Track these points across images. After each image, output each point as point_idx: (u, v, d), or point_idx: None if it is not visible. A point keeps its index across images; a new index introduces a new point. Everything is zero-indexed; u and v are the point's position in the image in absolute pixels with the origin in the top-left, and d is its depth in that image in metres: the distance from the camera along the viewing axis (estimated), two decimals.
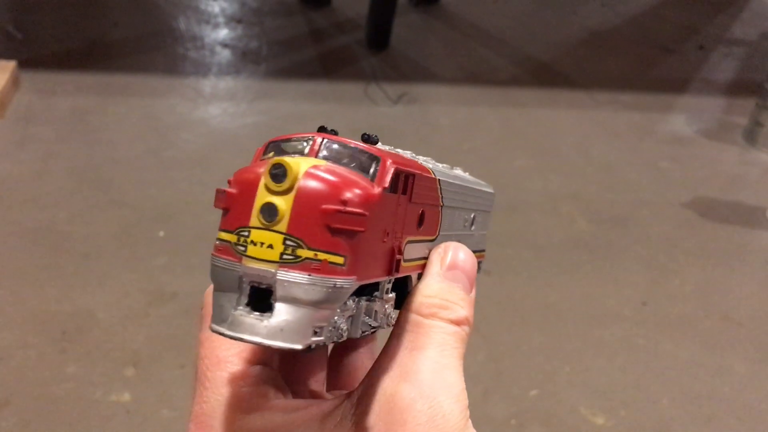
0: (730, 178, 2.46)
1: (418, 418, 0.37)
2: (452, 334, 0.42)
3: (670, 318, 1.76)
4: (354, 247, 0.34)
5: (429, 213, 0.44)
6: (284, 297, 0.33)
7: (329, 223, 0.33)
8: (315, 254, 0.33)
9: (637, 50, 3.44)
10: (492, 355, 1.59)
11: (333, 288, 0.34)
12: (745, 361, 1.64)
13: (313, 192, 0.33)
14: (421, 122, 2.61)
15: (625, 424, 1.46)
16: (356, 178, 0.35)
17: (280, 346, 0.33)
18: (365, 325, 0.38)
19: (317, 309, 0.34)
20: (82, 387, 1.41)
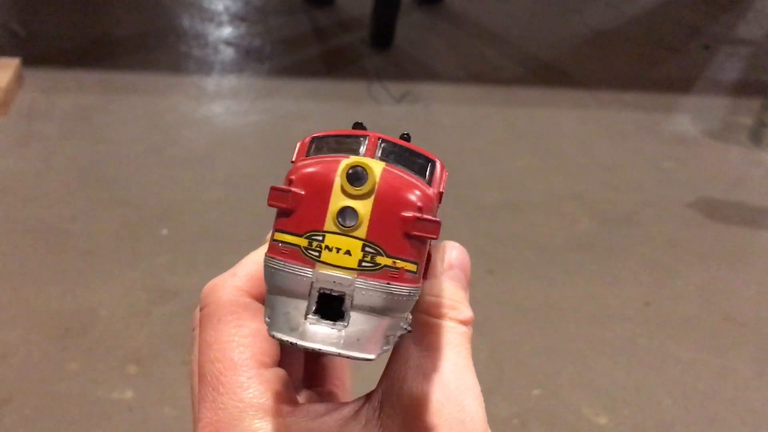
0: (734, 179, 2.46)
1: (449, 422, 0.37)
2: (462, 335, 0.42)
3: (674, 318, 1.75)
4: (422, 254, 0.34)
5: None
6: (362, 306, 0.33)
7: (408, 230, 0.32)
8: (394, 262, 0.32)
9: (642, 50, 3.43)
10: (494, 354, 1.58)
11: (408, 296, 0.33)
12: (748, 361, 1.64)
13: (393, 198, 0.32)
14: (424, 121, 2.61)
15: (628, 425, 1.45)
16: (419, 183, 0.34)
17: (357, 356, 0.32)
18: (402, 329, 0.37)
19: (387, 317, 0.33)
20: (84, 384, 1.41)
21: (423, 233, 0.32)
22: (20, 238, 1.79)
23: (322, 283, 0.33)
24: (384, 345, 0.33)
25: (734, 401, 1.53)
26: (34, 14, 3.02)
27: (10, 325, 1.53)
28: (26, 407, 1.36)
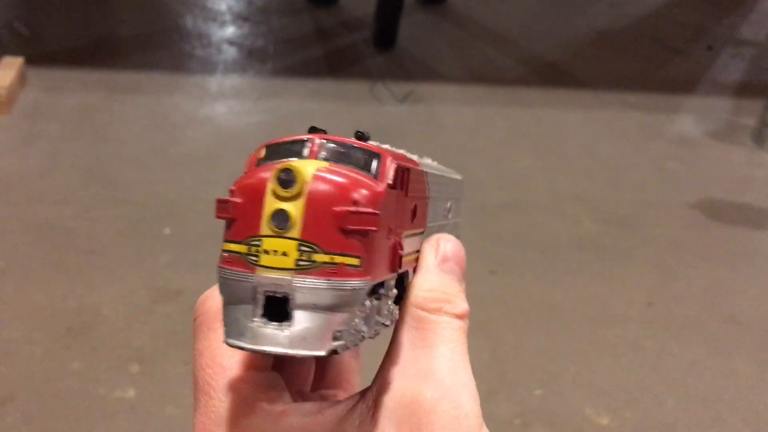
0: (737, 180, 2.45)
1: (444, 419, 0.37)
2: (458, 330, 0.41)
3: (676, 319, 1.75)
4: (367, 247, 0.34)
5: (419, 206, 0.44)
6: (303, 304, 0.33)
7: (343, 225, 0.33)
8: (331, 258, 0.33)
9: (645, 50, 3.43)
10: (496, 354, 1.58)
11: (352, 290, 0.33)
12: (751, 362, 1.63)
13: (324, 195, 0.33)
14: (427, 122, 2.61)
15: (630, 425, 1.45)
16: (362, 178, 0.35)
17: (303, 354, 0.33)
18: (378, 324, 0.38)
19: (336, 313, 0.33)
20: (87, 383, 1.41)
21: (358, 226, 0.33)
22: (23, 237, 1.79)
23: (264, 287, 0.33)
24: (333, 341, 0.33)
25: (736, 402, 1.53)
26: (37, 14, 3.03)
27: (13, 323, 1.53)
28: (29, 405, 1.36)
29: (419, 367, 0.39)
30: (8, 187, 1.96)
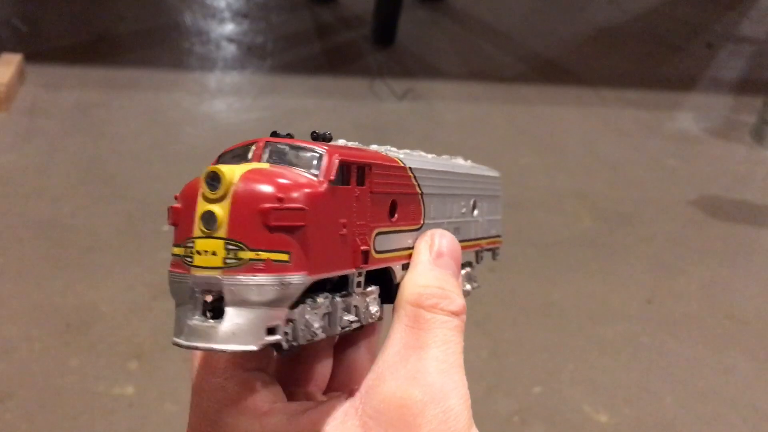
0: (736, 177, 2.45)
1: (432, 422, 0.37)
2: (454, 329, 0.41)
3: (675, 316, 1.75)
4: (299, 242, 0.34)
5: (404, 202, 0.43)
6: (233, 301, 0.34)
7: (267, 221, 0.33)
8: (257, 254, 0.33)
9: (645, 48, 3.43)
10: (495, 351, 1.58)
11: (280, 285, 0.34)
12: (750, 360, 1.64)
13: (249, 194, 0.34)
14: (427, 119, 2.61)
15: (629, 422, 1.45)
16: (296, 175, 0.35)
17: (233, 349, 0.33)
18: (344, 322, 0.38)
19: (269, 308, 0.34)
20: (86, 380, 1.41)
21: (284, 222, 0.34)
22: (21, 233, 1.79)
23: (199, 286, 0.34)
24: (268, 336, 0.34)
25: (735, 399, 1.53)
26: (36, 10, 3.02)
27: (11, 320, 1.53)
28: (28, 402, 1.36)
29: (410, 368, 0.38)
30: (7, 184, 1.96)
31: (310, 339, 0.36)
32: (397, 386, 0.38)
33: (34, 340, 1.49)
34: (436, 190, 0.47)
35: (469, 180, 0.53)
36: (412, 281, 0.42)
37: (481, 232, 0.55)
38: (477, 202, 0.54)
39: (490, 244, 0.58)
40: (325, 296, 0.37)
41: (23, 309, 1.56)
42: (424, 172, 0.46)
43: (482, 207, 0.55)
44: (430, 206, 0.47)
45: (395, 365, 0.39)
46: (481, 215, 0.55)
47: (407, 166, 0.44)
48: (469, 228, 0.53)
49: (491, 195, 0.57)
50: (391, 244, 0.42)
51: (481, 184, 0.55)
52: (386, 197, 0.41)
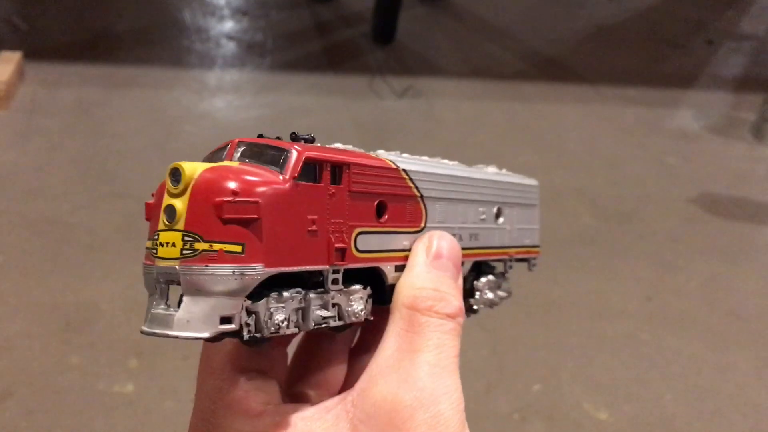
0: (736, 174, 2.45)
1: (420, 427, 0.37)
2: (449, 332, 0.41)
3: (675, 314, 1.75)
4: (254, 234, 0.36)
5: (396, 203, 0.44)
6: (188, 290, 0.36)
7: (221, 214, 0.35)
8: (210, 245, 0.35)
9: (645, 45, 3.42)
10: (495, 349, 1.58)
11: (232, 275, 0.35)
12: (749, 357, 1.64)
13: (205, 188, 0.36)
14: (426, 116, 2.61)
15: (628, 420, 1.45)
16: (259, 172, 0.37)
17: (185, 336, 0.35)
18: (317, 318, 0.39)
19: (224, 298, 0.35)
20: (86, 378, 1.41)
21: (236, 214, 0.35)
22: (21, 231, 1.79)
23: (162, 276, 0.37)
24: (222, 324, 0.35)
25: (735, 396, 1.53)
26: (35, 8, 3.02)
27: (11, 318, 1.53)
28: (28, 400, 1.36)
29: (401, 372, 0.39)
30: (6, 182, 1.96)
31: (274, 332, 0.37)
32: (388, 390, 0.38)
33: (34, 338, 1.49)
34: (443, 194, 0.48)
35: (489, 186, 0.53)
36: (407, 283, 0.42)
37: (508, 240, 0.55)
38: (503, 209, 0.54)
39: (521, 254, 0.58)
40: (298, 291, 0.38)
41: (23, 307, 1.56)
42: (424, 176, 0.46)
43: (510, 215, 0.55)
44: (434, 210, 0.47)
45: (387, 369, 0.39)
46: (509, 223, 0.55)
47: (401, 168, 0.44)
48: (490, 235, 0.53)
49: (523, 203, 0.57)
50: (378, 245, 0.43)
51: (510, 191, 0.55)
52: (371, 197, 0.42)
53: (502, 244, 0.55)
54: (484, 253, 0.53)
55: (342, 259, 0.40)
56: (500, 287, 0.56)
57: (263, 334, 0.37)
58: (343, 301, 0.41)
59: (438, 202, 0.47)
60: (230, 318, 0.35)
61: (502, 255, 0.55)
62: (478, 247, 0.52)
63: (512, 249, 0.56)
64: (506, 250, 0.56)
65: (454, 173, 0.50)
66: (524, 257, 0.59)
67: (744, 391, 1.54)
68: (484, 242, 0.52)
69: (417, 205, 0.46)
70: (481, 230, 0.52)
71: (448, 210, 0.48)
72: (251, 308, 0.36)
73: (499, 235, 0.54)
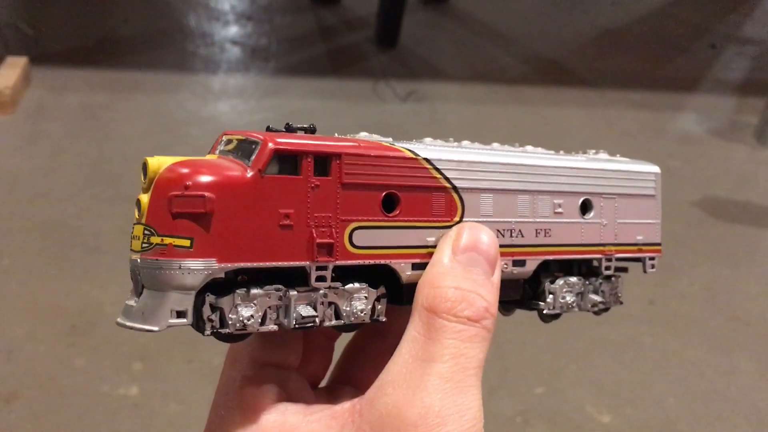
0: (739, 178, 2.45)
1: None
2: (469, 339, 0.37)
3: (678, 317, 1.75)
4: (204, 229, 0.35)
5: (417, 196, 0.41)
6: (146, 283, 0.36)
7: (172, 208, 0.36)
8: (162, 239, 0.36)
9: (648, 49, 3.42)
10: (498, 352, 1.59)
11: (178, 270, 0.35)
12: (752, 360, 1.64)
13: (164, 183, 0.36)
14: (430, 120, 2.61)
15: (631, 423, 1.45)
16: (225, 165, 0.37)
17: (138, 327, 0.36)
18: (298, 316, 0.38)
19: (177, 292, 0.35)
20: (91, 380, 1.42)
21: (184, 209, 0.35)
22: (27, 235, 1.80)
23: (134, 269, 0.38)
24: (174, 318, 0.35)
25: (738, 400, 1.53)
26: (41, 13, 3.03)
27: (16, 321, 1.54)
28: (33, 403, 1.37)
29: (411, 384, 0.36)
30: (13, 186, 1.97)
31: (240, 328, 0.36)
32: (394, 403, 0.35)
33: (39, 341, 1.50)
34: (490, 184, 0.43)
35: (572, 175, 0.47)
36: (426, 281, 0.39)
37: (604, 237, 0.49)
38: (593, 201, 0.48)
39: (627, 252, 0.51)
40: (276, 288, 0.37)
41: (29, 310, 1.57)
42: (459, 164, 0.42)
43: (606, 208, 0.49)
44: (475, 202, 0.43)
45: (398, 378, 0.36)
46: (605, 217, 0.49)
47: (421, 157, 0.41)
48: (569, 231, 0.47)
49: (632, 194, 0.50)
50: (387, 240, 0.40)
51: (608, 180, 0.49)
52: (375, 189, 0.40)
53: (592, 241, 0.48)
54: (559, 251, 0.47)
55: (329, 255, 0.38)
56: (597, 291, 0.50)
57: (229, 331, 0.36)
58: (342, 300, 0.39)
59: (482, 194, 0.43)
60: (183, 312, 0.35)
61: (593, 254, 0.49)
62: (549, 245, 0.46)
63: (611, 247, 0.50)
64: (601, 249, 0.49)
65: (509, 161, 0.45)
66: (634, 257, 0.52)
67: (746, 394, 1.54)
68: (559, 239, 0.46)
69: (448, 196, 0.42)
70: (556, 225, 0.46)
71: (499, 202, 0.44)
72: (216, 304, 0.36)
73: (588, 231, 0.48)
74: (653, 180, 0.52)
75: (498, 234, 0.43)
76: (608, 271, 0.50)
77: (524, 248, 0.45)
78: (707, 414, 1.49)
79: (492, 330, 0.39)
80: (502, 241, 0.44)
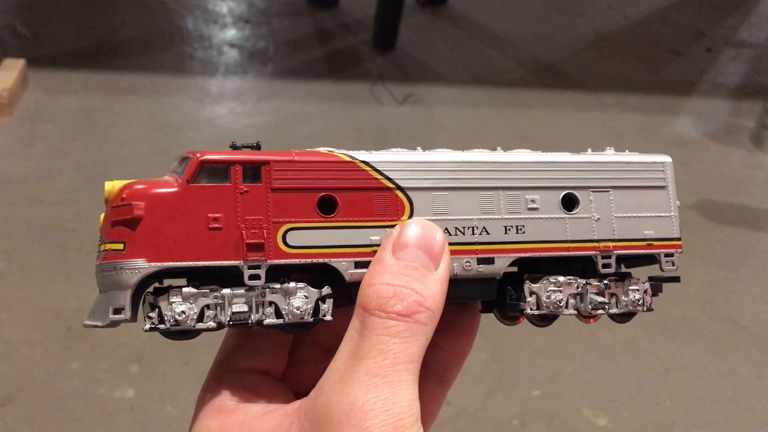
0: (736, 181, 2.46)
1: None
2: (398, 335, 0.37)
3: (674, 320, 1.76)
4: (134, 233, 0.40)
5: (356, 197, 0.42)
6: (98, 286, 0.42)
7: (111, 218, 0.41)
8: (105, 245, 0.41)
9: (645, 52, 3.43)
10: (494, 355, 1.59)
11: (113, 270, 0.41)
12: (748, 363, 1.64)
13: (110, 199, 0.42)
14: (427, 123, 2.62)
15: (628, 426, 1.45)
16: (159, 180, 0.42)
17: (89, 324, 0.41)
18: (234, 315, 0.41)
19: (115, 291, 0.40)
20: (87, 383, 1.42)
21: (117, 216, 0.41)
22: (24, 237, 1.80)
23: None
24: (113, 315, 0.40)
25: (734, 403, 1.53)
26: (39, 16, 3.03)
27: (13, 324, 1.54)
28: (29, 405, 1.37)
29: (341, 381, 0.36)
30: (9, 188, 1.97)
31: (175, 324, 0.40)
32: (327, 401, 0.36)
33: (35, 344, 1.50)
34: (442, 183, 0.44)
35: (547, 170, 0.46)
36: (365, 280, 0.39)
37: (595, 232, 0.46)
38: (581, 195, 0.46)
39: (631, 248, 0.48)
40: (212, 288, 0.41)
41: (25, 312, 1.57)
42: (402, 165, 0.43)
43: (598, 201, 0.47)
44: (424, 201, 0.43)
45: (333, 376, 0.37)
46: (597, 211, 0.47)
47: (358, 160, 0.43)
48: (548, 227, 0.46)
49: (631, 186, 0.48)
50: (325, 240, 0.42)
51: (598, 173, 0.47)
52: (308, 192, 0.42)
53: (583, 237, 0.46)
54: (536, 248, 0.45)
55: (260, 253, 0.41)
56: (599, 292, 0.47)
57: (168, 327, 0.40)
58: (281, 299, 0.41)
59: (434, 192, 0.44)
60: (120, 309, 0.40)
61: (585, 250, 0.46)
62: (522, 242, 0.45)
63: (608, 243, 0.47)
64: (595, 245, 0.47)
65: (467, 159, 0.45)
66: (645, 253, 0.49)
67: (743, 397, 1.55)
68: (535, 235, 0.45)
69: (392, 196, 0.43)
70: (530, 221, 0.45)
71: (455, 199, 0.44)
72: (153, 302, 0.40)
73: (575, 227, 0.46)
74: (661, 170, 0.51)
75: (456, 231, 0.44)
76: (607, 269, 0.47)
77: (490, 245, 0.45)
78: (704, 417, 1.49)
79: (428, 323, 0.38)
80: (462, 238, 0.44)
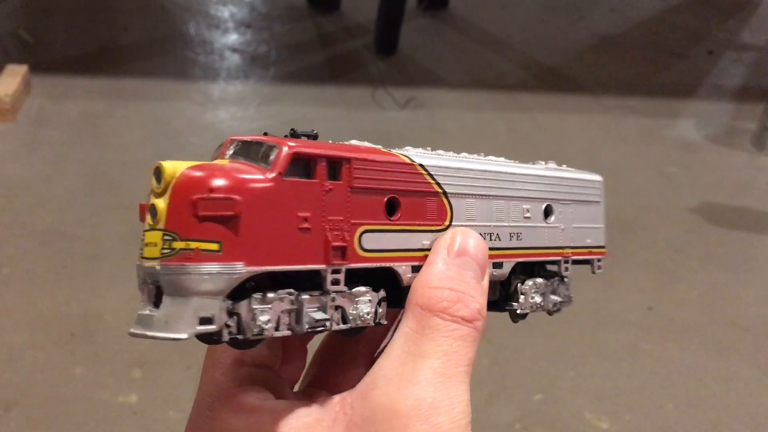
0: (737, 184, 2.46)
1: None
2: (462, 339, 0.38)
3: (676, 323, 1.76)
4: (232, 232, 0.34)
5: (412, 200, 0.41)
6: (168, 290, 0.35)
7: (197, 212, 0.34)
8: (188, 244, 0.34)
9: (646, 55, 3.44)
10: (497, 359, 1.59)
11: (209, 275, 0.34)
12: (751, 366, 1.64)
13: (184, 186, 0.35)
14: (428, 127, 2.62)
15: (630, 429, 1.45)
16: (244, 169, 0.36)
17: (163, 336, 0.34)
18: (310, 320, 0.37)
19: (202, 298, 0.34)
20: (90, 388, 1.42)
21: (212, 212, 0.34)
22: (27, 242, 1.80)
23: (149, 277, 0.36)
24: (200, 325, 0.34)
25: (736, 406, 1.53)
26: (41, 22, 3.05)
27: (16, 329, 1.54)
28: (32, 410, 1.37)
29: (404, 377, 0.37)
30: (12, 194, 1.98)
31: (257, 333, 0.35)
32: (387, 396, 0.36)
33: (38, 349, 1.50)
34: (473, 190, 0.45)
35: (536, 182, 0.50)
36: (422, 282, 0.40)
37: (561, 240, 0.51)
38: (554, 207, 0.51)
39: (580, 254, 0.54)
40: (289, 292, 0.37)
41: (28, 318, 1.57)
42: (447, 170, 0.43)
43: (565, 213, 0.51)
44: (461, 206, 0.44)
45: (390, 373, 0.37)
46: (563, 222, 0.51)
47: (417, 163, 0.42)
48: (537, 234, 0.49)
49: (583, 200, 0.54)
50: (390, 244, 0.40)
51: (564, 188, 0.52)
52: (379, 194, 0.40)
53: (554, 244, 0.51)
54: (528, 254, 0.49)
55: (342, 258, 0.38)
56: (556, 292, 0.53)
57: (246, 336, 0.35)
58: (348, 303, 0.39)
59: (466, 199, 0.44)
60: (210, 319, 0.34)
61: (555, 256, 0.51)
62: (520, 248, 0.48)
63: (568, 249, 0.53)
64: (561, 251, 0.52)
65: (488, 168, 0.47)
66: (585, 258, 0.55)
67: (745, 400, 1.55)
68: (528, 242, 0.49)
69: (440, 201, 0.43)
70: (525, 229, 0.48)
71: (480, 207, 0.45)
72: (233, 309, 0.35)
73: (550, 235, 0.50)
74: (599, 188, 0.58)
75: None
76: (567, 273, 0.53)
77: (501, 251, 0.47)
78: (706, 420, 1.49)
79: (481, 332, 0.40)
80: None
